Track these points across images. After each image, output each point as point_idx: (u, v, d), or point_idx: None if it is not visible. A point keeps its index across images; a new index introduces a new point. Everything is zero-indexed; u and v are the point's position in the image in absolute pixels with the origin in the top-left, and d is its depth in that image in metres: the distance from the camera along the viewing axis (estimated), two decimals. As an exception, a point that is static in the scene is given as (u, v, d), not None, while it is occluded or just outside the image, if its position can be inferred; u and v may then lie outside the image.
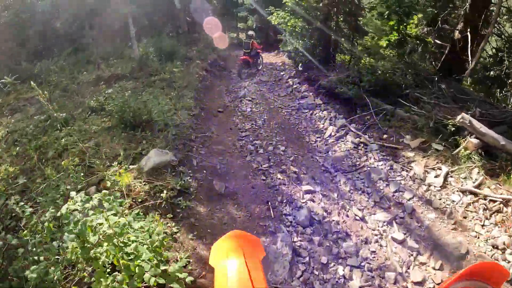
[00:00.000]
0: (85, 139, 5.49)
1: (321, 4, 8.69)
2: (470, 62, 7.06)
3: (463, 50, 7.35)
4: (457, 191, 4.85)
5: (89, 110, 6.74)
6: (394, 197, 4.89)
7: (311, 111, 7.58)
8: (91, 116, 6.52)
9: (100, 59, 11.34)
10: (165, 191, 3.69)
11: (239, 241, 1.31)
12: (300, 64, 9.75)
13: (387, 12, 6.88)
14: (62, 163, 3.58)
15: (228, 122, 6.66)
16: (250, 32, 11.17)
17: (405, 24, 7.37)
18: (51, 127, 6.02)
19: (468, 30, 7.32)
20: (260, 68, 11.70)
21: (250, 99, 8.10)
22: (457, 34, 7.80)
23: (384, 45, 9.39)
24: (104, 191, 2.21)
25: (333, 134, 6.68)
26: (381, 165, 5.58)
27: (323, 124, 7.05)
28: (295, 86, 9.24)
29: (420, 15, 8.43)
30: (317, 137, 6.67)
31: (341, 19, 9.36)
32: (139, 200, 3.59)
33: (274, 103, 8.16)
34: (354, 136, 6.44)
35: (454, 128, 5.61)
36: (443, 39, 9.23)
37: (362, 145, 6.21)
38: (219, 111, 7.16)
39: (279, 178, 4.72)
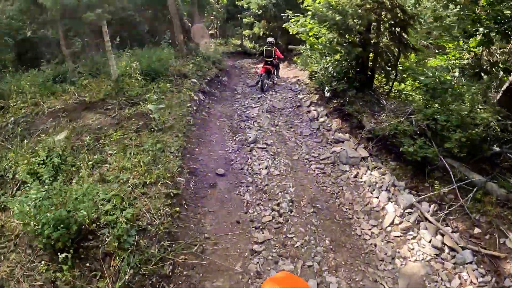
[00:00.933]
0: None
1: (360, 10, 5.87)
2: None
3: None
4: None
5: (18, 183, 4.07)
6: None
7: (354, 170, 4.85)
8: (17, 193, 3.85)
9: (75, 76, 8.52)
10: None
11: (292, 284, 1.25)
12: (326, 88, 6.98)
13: (481, 29, 4.08)
14: None
15: (232, 202, 3.94)
16: (270, 39, 8.92)
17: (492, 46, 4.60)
18: None
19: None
20: (275, 81, 9.43)
21: (264, 146, 5.36)
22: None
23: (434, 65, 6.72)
24: None
25: (396, 221, 3.99)
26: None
27: (377, 197, 4.34)
28: (321, 119, 6.49)
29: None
30: (372, 226, 3.97)
31: (383, 28, 6.56)
32: None
33: (298, 149, 5.43)
34: (432, 230, 3.77)
35: None
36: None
37: (447, 249, 3.59)
38: (218, 174, 4.43)
39: None
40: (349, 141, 5.51)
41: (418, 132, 4.44)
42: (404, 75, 7.00)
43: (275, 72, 9.31)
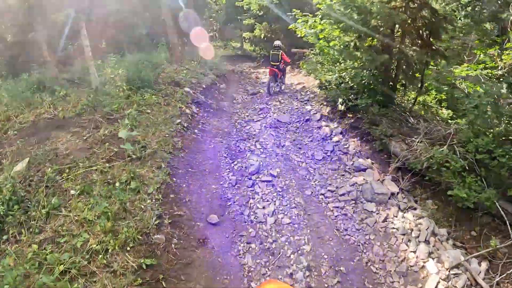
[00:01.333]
0: None
1: (384, 9, 4.82)
2: None
3: None
4: None
5: None
6: None
7: (382, 211, 3.83)
8: None
9: (58, 84, 7.46)
10: None
11: None
12: (340, 100, 5.95)
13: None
14: None
15: (229, 270, 2.90)
16: (277, 42, 8.28)
17: None
18: None
19: None
20: (283, 88, 8.67)
21: (269, 178, 4.33)
22: None
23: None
24: None
25: (440, 287, 2.99)
26: None
27: (415, 251, 3.33)
28: (336, 138, 5.46)
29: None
30: (414, 295, 2.97)
31: (409, 31, 5.51)
32: None
33: (310, 180, 4.40)
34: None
35: None
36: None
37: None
38: (210, 223, 3.41)
39: None
40: (372, 170, 4.48)
41: (467, 167, 3.42)
42: (426, 84, 6.00)
43: (282, 77, 8.51)
